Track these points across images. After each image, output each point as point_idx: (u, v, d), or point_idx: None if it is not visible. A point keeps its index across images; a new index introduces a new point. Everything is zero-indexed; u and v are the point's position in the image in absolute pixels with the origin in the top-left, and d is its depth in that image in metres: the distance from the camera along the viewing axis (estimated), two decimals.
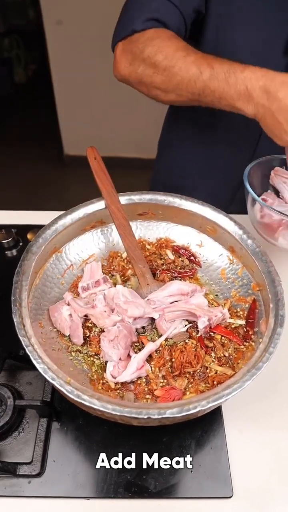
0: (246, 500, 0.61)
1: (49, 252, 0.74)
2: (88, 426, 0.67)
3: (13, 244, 0.95)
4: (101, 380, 0.64)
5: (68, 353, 0.67)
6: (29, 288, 0.65)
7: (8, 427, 0.64)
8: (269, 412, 0.70)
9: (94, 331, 0.69)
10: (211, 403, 0.51)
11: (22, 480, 0.61)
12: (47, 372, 0.54)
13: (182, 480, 0.62)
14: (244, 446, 0.66)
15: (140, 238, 0.83)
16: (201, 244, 0.81)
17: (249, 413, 0.70)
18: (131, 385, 0.64)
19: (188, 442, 0.65)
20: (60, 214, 0.74)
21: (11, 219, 1.01)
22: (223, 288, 0.77)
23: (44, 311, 0.69)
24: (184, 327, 0.69)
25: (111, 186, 0.77)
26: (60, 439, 0.65)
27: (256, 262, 0.70)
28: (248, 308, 0.72)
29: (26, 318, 0.60)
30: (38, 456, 0.63)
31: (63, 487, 0.61)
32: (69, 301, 0.70)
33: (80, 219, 0.75)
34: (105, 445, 0.65)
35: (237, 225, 0.75)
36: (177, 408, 0.51)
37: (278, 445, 0.67)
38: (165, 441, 0.65)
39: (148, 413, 0.50)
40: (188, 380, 0.64)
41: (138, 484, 0.61)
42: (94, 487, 0.61)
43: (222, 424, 0.68)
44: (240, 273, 0.76)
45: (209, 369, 0.65)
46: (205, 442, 0.66)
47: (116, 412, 0.50)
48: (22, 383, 0.71)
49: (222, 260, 0.79)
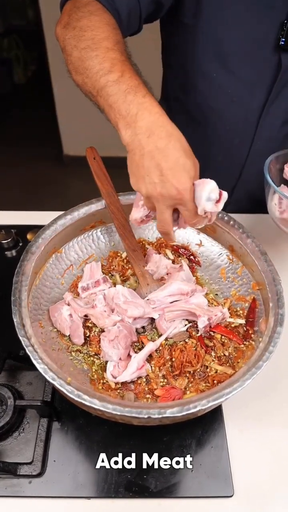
0: (247, 499, 0.61)
1: (49, 252, 0.74)
2: (89, 426, 0.67)
3: (12, 245, 0.95)
4: (101, 380, 0.64)
5: (68, 353, 0.67)
6: (29, 288, 0.65)
7: (9, 427, 0.64)
8: (269, 411, 0.70)
9: (94, 331, 0.70)
10: (211, 402, 0.51)
11: (23, 480, 0.61)
12: (47, 372, 0.54)
13: (183, 479, 0.62)
14: (244, 445, 0.66)
15: (140, 238, 0.83)
16: (200, 244, 0.82)
17: (250, 412, 0.70)
18: (131, 385, 0.64)
19: (188, 442, 0.65)
20: (60, 214, 0.74)
21: (11, 220, 1.00)
22: (223, 288, 0.77)
23: (44, 311, 0.70)
24: (184, 327, 0.69)
25: (111, 186, 0.77)
26: (61, 439, 0.66)
27: (255, 261, 0.70)
28: (248, 307, 0.72)
29: (26, 318, 0.60)
30: (39, 456, 0.63)
31: (64, 487, 0.61)
32: (69, 301, 0.70)
33: (79, 219, 0.75)
34: (105, 445, 0.65)
35: (237, 224, 0.75)
36: (177, 407, 0.51)
37: (278, 444, 0.67)
38: (165, 440, 0.65)
39: (148, 413, 0.50)
40: (188, 379, 0.64)
41: (138, 483, 0.61)
42: (94, 486, 0.61)
43: (223, 423, 0.68)
44: (240, 272, 0.76)
45: (209, 369, 0.65)
46: (206, 442, 0.66)
47: (117, 411, 0.50)
48: (23, 383, 0.71)
49: (222, 259, 0.79)
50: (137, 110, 0.54)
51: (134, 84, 0.56)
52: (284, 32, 0.80)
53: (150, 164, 0.53)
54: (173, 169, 0.52)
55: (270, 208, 0.80)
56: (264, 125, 0.95)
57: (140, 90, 0.56)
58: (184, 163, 0.53)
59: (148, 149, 0.53)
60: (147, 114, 0.54)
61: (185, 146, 0.54)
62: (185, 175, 0.53)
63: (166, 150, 0.53)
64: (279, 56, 0.84)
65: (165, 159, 0.52)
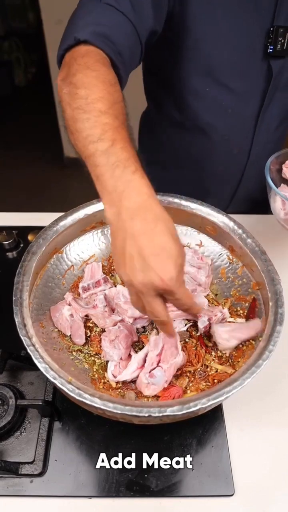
0: (248, 499, 0.61)
1: (50, 253, 0.74)
2: (90, 426, 0.67)
3: (14, 246, 0.96)
4: (102, 380, 0.64)
5: (69, 353, 0.67)
6: (30, 289, 0.66)
7: (10, 427, 0.65)
8: (270, 410, 0.70)
9: (95, 331, 0.70)
10: (211, 400, 0.51)
11: (24, 479, 0.62)
12: (48, 371, 0.54)
13: (184, 478, 0.62)
14: (245, 444, 0.66)
15: None
16: (201, 244, 0.82)
17: (250, 411, 0.70)
18: (132, 384, 0.64)
19: (189, 441, 0.66)
20: (61, 215, 0.75)
21: (12, 221, 1.01)
22: (223, 287, 0.78)
23: (45, 311, 0.70)
24: (184, 326, 0.70)
25: None
26: (62, 439, 0.66)
27: (255, 261, 0.70)
28: (248, 307, 0.72)
29: (27, 318, 0.60)
30: (40, 455, 0.63)
31: (65, 486, 0.61)
32: (70, 301, 0.70)
33: (80, 220, 0.76)
34: (106, 445, 0.65)
35: (237, 224, 0.75)
36: (178, 406, 0.51)
37: (279, 443, 0.67)
38: (166, 440, 0.65)
39: (149, 411, 0.50)
40: (188, 378, 0.64)
41: (139, 483, 0.61)
42: (96, 486, 0.61)
43: (223, 422, 0.68)
44: (240, 272, 0.76)
45: (209, 368, 0.65)
46: (206, 441, 0.66)
47: (117, 410, 0.50)
48: (24, 383, 0.71)
49: (222, 259, 0.80)
50: (124, 188, 0.49)
51: (124, 157, 0.51)
52: (271, 39, 0.81)
53: (132, 249, 0.47)
54: (158, 256, 0.46)
55: (274, 209, 0.80)
56: (260, 131, 0.96)
57: (130, 165, 0.50)
58: (170, 249, 0.47)
59: (131, 232, 0.47)
60: (134, 194, 0.49)
61: (172, 231, 0.49)
62: (170, 263, 0.46)
63: (151, 234, 0.47)
64: (268, 63, 0.85)
65: (149, 244, 0.47)
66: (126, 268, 0.48)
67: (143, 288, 0.48)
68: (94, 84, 0.57)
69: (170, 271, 0.46)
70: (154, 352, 0.63)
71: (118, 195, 0.49)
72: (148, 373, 0.61)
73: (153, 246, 0.47)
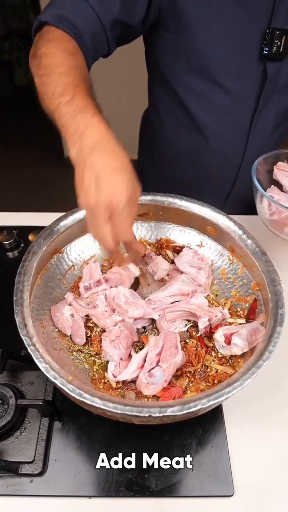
0: (247, 499, 0.61)
1: (51, 253, 0.74)
2: (90, 426, 0.67)
3: (14, 245, 0.96)
4: (102, 380, 0.64)
5: (70, 353, 0.67)
6: (31, 289, 0.66)
7: (10, 427, 0.65)
8: (270, 411, 0.70)
9: (95, 331, 0.70)
10: (211, 401, 0.51)
11: (24, 479, 0.62)
12: (49, 371, 0.54)
13: (183, 479, 0.62)
14: (245, 445, 0.66)
15: (140, 239, 0.84)
16: (201, 245, 0.82)
17: (250, 412, 0.70)
18: (132, 384, 0.64)
19: (189, 441, 0.66)
20: (61, 215, 0.75)
21: (12, 221, 1.01)
22: (223, 288, 0.78)
23: (45, 311, 0.70)
24: (184, 327, 0.70)
25: None
26: (62, 439, 0.66)
27: (256, 262, 0.71)
28: (248, 307, 0.72)
29: (28, 318, 0.60)
30: (40, 455, 0.63)
31: (65, 486, 0.61)
32: (70, 301, 0.70)
33: (81, 220, 0.76)
34: (106, 445, 0.65)
35: (237, 225, 0.75)
36: (178, 406, 0.51)
37: (279, 443, 0.67)
38: (166, 440, 0.66)
39: (149, 411, 0.50)
40: (189, 379, 0.64)
41: (139, 483, 0.62)
42: (95, 486, 0.61)
43: (223, 423, 0.68)
44: (240, 273, 0.76)
45: (209, 368, 0.65)
46: (206, 441, 0.66)
47: (118, 410, 0.51)
48: (24, 383, 0.71)
49: (222, 260, 0.80)
50: (84, 129, 0.55)
51: (83, 104, 0.58)
52: (267, 41, 0.81)
53: (89, 175, 0.53)
54: (110, 179, 0.52)
55: (259, 210, 0.80)
56: (255, 133, 0.96)
57: (88, 111, 0.57)
58: (123, 175, 0.53)
59: (90, 161, 0.53)
60: (94, 131, 0.55)
61: (125, 163, 0.55)
62: (122, 187, 0.52)
63: (107, 161, 0.53)
64: (264, 65, 0.85)
65: (104, 169, 0.53)
66: (83, 192, 0.53)
67: (95, 207, 0.53)
68: (53, 52, 0.67)
69: (120, 194, 0.52)
70: (153, 352, 0.63)
71: (80, 135, 0.55)
72: (147, 372, 0.61)
73: (107, 171, 0.53)
